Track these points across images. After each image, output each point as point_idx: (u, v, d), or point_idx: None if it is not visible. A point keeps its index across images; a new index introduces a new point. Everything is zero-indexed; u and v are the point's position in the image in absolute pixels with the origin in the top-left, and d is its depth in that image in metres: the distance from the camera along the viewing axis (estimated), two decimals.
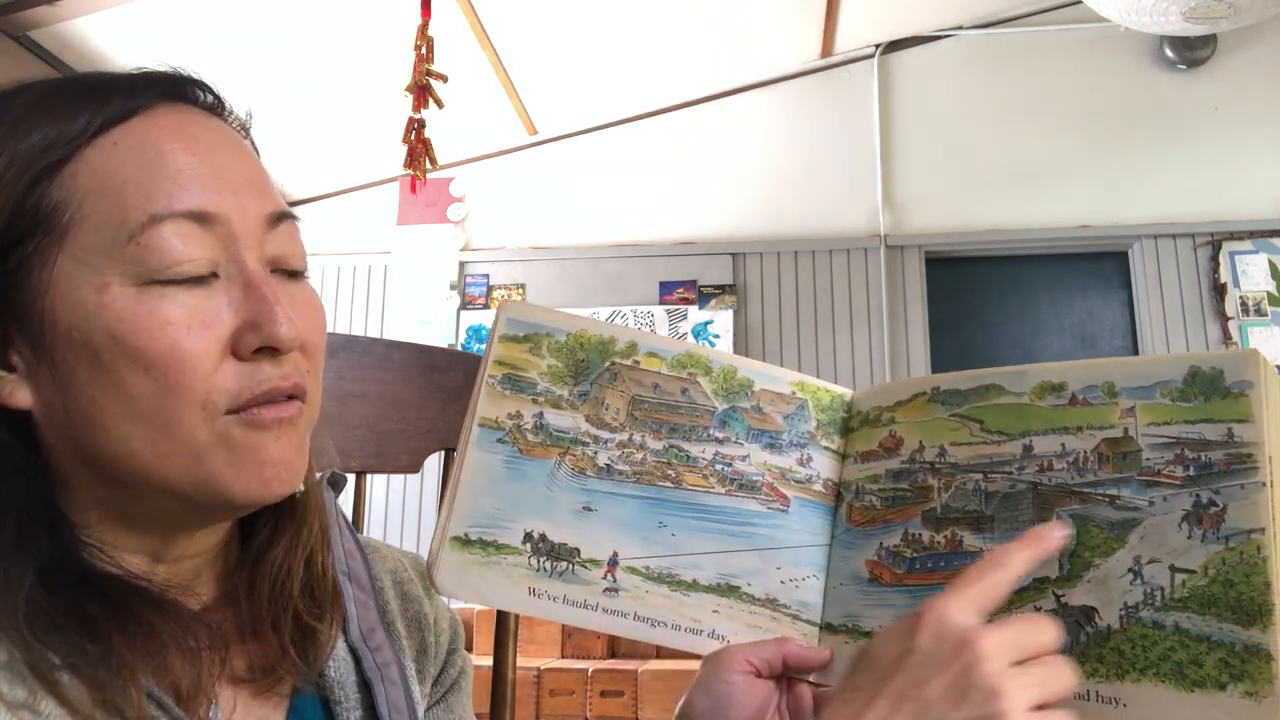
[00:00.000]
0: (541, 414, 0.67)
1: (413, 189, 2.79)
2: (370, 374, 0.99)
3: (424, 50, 2.55)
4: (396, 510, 3.90)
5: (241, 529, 0.60)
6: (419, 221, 4.10)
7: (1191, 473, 0.53)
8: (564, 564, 0.65)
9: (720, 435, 0.66)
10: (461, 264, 4.08)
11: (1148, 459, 0.55)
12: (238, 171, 0.53)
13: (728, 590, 0.65)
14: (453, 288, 4.05)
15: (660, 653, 3.44)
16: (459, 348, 3.93)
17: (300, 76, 3.35)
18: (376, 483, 3.90)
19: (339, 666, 0.59)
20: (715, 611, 0.65)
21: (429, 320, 4.02)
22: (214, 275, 0.51)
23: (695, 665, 0.65)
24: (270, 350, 0.51)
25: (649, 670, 3.08)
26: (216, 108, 0.56)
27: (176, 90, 0.54)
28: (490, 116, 3.91)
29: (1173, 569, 0.52)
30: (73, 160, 0.49)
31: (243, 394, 0.50)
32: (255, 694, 0.55)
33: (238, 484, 0.51)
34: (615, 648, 3.47)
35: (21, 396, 0.50)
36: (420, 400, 1.01)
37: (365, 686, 0.59)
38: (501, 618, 0.97)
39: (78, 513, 0.52)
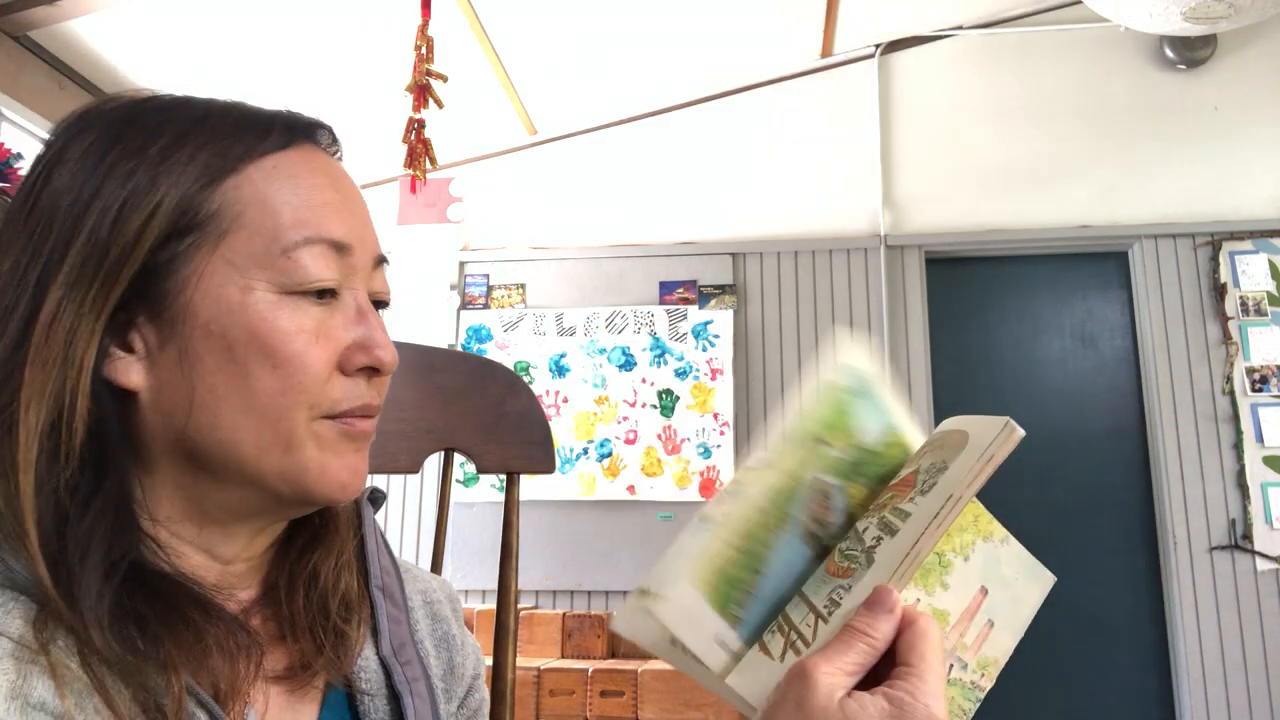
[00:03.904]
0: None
1: (413, 189, 2.79)
2: None
3: (424, 50, 2.55)
4: (396, 510, 3.90)
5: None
6: (419, 221, 4.09)
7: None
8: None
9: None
10: (461, 264, 4.08)
11: None
12: (363, 213, 0.61)
13: None
14: (453, 288, 4.05)
15: None
16: (459, 348, 3.92)
17: (300, 76, 3.35)
18: (376, 483, 3.90)
19: (370, 679, 0.61)
20: None
21: (429, 320, 4.02)
22: (335, 296, 0.57)
23: None
24: (371, 370, 0.58)
25: (649, 670, 3.08)
26: (340, 156, 0.64)
27: (319, 135, 0.61)
28: (490, 116, 3.91)
29: None
30: (236, 174, 0.55)
31: (341, 404, 0.56)
32: (290, 690, 0.58)
33: (322, 480, 0.56)
34: (615, 648, 3.47)
35: (135, 377, 0.54)
36: (420, 400, 1.01)
37: (395, 699, 0.62)
38: (501, 617, 0.97)
39: (151, 499, 0.55)
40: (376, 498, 0.69)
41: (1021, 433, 0.51)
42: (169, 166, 0.53)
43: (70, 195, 0.53)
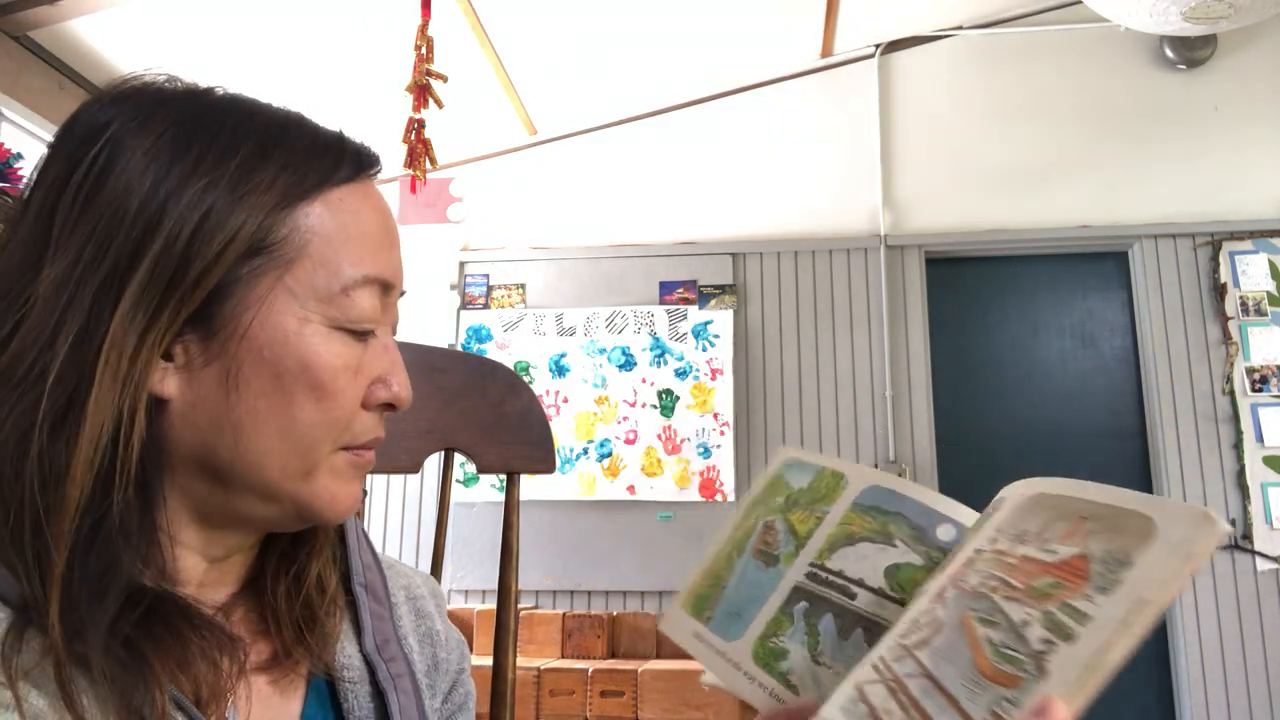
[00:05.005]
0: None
1: (413, 189, 2.78)
2: None
3: (424, 50, 2.54)
4: (396, 510, 3.90)
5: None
6: (419, 221, 4.10)
7: None
8: None
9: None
10: (461, 264, 4.08)
11: None
12: (399, 249, 0.62)
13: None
14: (453, 288, 4.05)
15: (660, 652, 3.43)
16: (459, 348, 3.92)
17: (300, 76, 3.35)
18: (376, 483, 3.90)
19: (353, 675, 0.62)
20: None
21: (429, 320, 4.02)
22: (373, 334, 0.58)
23: (695, 665, 0.67)
24: (388, 406, 0.59)
25: (649, 670, 3.08)
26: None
27: (374, 166, 0.62)
28: (490, 116, 3.91)
29: None
30: (306, 203, 0.55)
31: (360, 437, 0.58)
32: (273, 680, 0.59)
33: (330, 507, 0.58)
34: (615, 648, 3.47)
35: (170, 387, 0.53)
36: (420, 400, 1.01)
37: (379, 696, 0.62)
38: (501, 617, 0.97)
39: (167, 504, 0.55)
40: None
41: (1227, 528, 0.44)
42: (251, 188, 0.53)
43: (139, 196, 0.51)
